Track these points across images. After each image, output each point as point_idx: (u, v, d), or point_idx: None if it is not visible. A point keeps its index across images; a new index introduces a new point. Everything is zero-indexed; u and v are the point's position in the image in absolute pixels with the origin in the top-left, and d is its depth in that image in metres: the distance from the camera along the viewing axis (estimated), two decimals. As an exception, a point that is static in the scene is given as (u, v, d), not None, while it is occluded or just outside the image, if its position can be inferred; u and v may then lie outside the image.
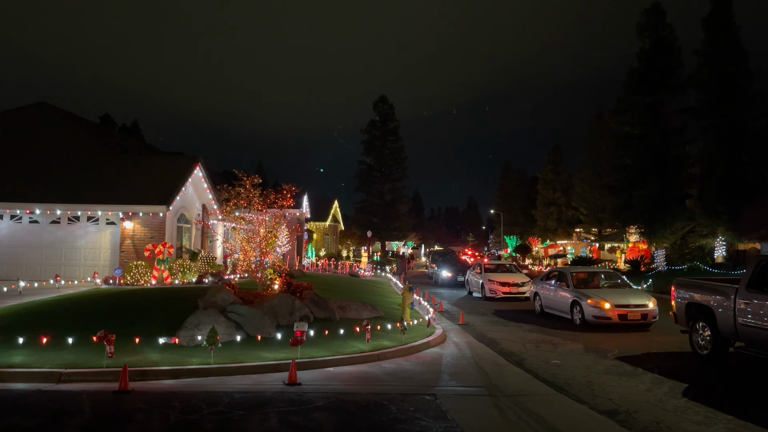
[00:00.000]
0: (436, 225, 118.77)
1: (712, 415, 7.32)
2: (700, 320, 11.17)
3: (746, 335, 9.87)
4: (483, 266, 25.04)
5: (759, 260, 10.31)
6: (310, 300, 13.61)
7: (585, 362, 10.71)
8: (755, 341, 9.68)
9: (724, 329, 10.45)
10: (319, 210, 47.41)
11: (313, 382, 8.53)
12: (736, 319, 10.04)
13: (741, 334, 10.00)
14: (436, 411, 7.23)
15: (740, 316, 9.95)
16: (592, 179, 46.92)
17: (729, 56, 33.93)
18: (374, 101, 57.73)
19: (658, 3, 37.02)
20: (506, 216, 79.21)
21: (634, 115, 36.68)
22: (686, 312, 11.70)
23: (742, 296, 10.00)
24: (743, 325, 9.88)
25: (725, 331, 10.44)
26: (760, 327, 9.45)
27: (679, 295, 12.06)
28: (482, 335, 13.78)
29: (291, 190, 15.16)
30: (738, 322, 10.00)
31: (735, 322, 10.07)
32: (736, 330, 10.08)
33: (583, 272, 18.03)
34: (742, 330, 9.92)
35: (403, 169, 57.91)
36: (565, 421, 7.00)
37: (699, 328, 11.22)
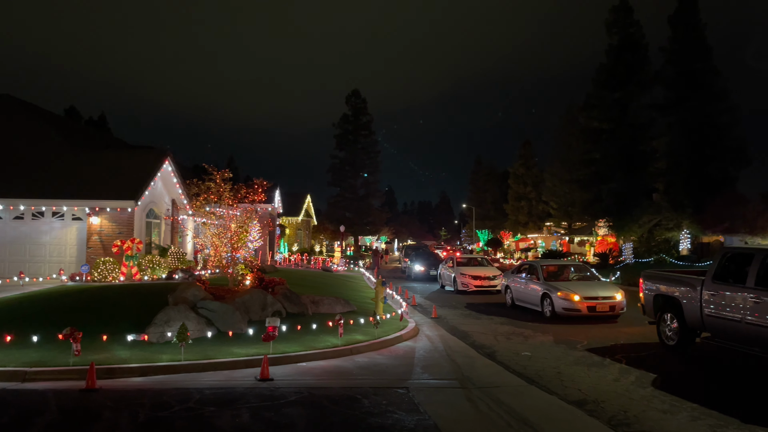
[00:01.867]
0: (410, 219, 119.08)
1: (677, 403, 7.51)
2: (668, 311, 11.30)
3: (712, 326, 10.02)
4: (455, 260, 25.20)
5: (724, 252, 10.49)
6: (283, 295, 13.54)
7: (555, 354, 10.88)
8: (721, 332, 9.82)
9: (691, 320, 10.59)
10: (292, 205, 47.11)
11: (285, 377, 8.49)
12: (703, 310, 10.18)
13: (707, 324, 10.14)
14: (408, 404, 7.27)
15: (706, 307, 10.10)
16: (562, 174, 47.58)
17: (694, 53, 34.75)
18: (347, 95, 57.59)
19: (626, 0, 37.64)
20: (478, 210, 79.87)
21: (602, 111, 37.31)
22: (654, 304, 11.84)
23: (708, 288, 10.14)
24: (709, 316, 10.02)
25: (692, 322, 10.58)
26: (726, 318, 9.60)
27: (647, 287, 12.18)
28: (454, 328, 13.88)
29: (262, 185, 15.03)
30: (704, 313, 10.14)
31: (701, 313, 10.21)
32: (703, 321, 10.22)
33: (553, 265, 18.28)
34: (708, 321, 10.07)
35: (376, 164, 57.99)
36: (536, 411, 7.11)
37: (666, 320, 11.36)
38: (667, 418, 6.89)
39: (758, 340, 8.94)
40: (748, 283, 9.28)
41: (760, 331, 8.82)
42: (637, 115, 37.15)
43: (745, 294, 9.23)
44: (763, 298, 8.86)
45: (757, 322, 8.89)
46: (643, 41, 37.29)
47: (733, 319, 9.44)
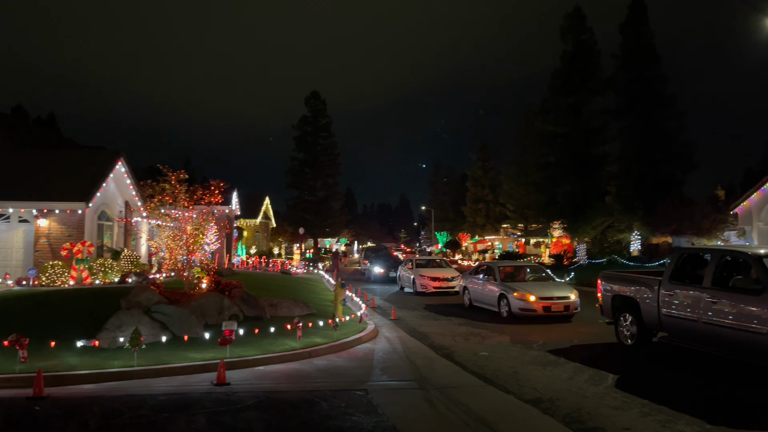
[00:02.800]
0: (369, 221, 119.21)
1: (628, 400, 7.72)
2: (626, 312, 11.38)
3: (669, 326, 10.15)
4: (414, 262, 25.35)
5: (681, 253, 10.64)
6: (240, 298, 13.35)
7: (511, 353, 11.05)
8: (678, 331, 9.96)
9: (649, 320, 10.70)
10: (250, 207, 46.50)
11: (242, 382, 8.38)
12: (660, 311, 10.30)
13: (664, 324, 10.27)
14: (367, 406, 7.27)
15: (664, 308, 10.21)
16: (518, 177, 48.40)
17: (644, 60, 35.92)
18: (306, 97, 57.28)
19: (579, 8, 38.62)
20: (437, 212, 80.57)
21: (557, 115, 38.16)
22: (612, 304, 11.90)
23: (665, 288, 10.26)
24: (667, 316, 10.15)
25: (650, 322, 10.69)
26: (683, 317, 9.73)
27: (605, 288, 12.22)
28: (413, 329, 13.95)
29: (219, 186, 14.80)
30: (662, 313, 10.26)
31: (659, 313, 10.34)
32: (660, 321, 10.34)
33: (510, 266, 18.58)
34: (666, 321, 10.20)
35: (336, 166, 57.76)
36: (493, 410, 7.20)
37: (624, 320, 11.44)
38: (618, 415, 7.09)
39: (714, 339, 9.10)
40: (705, 283, 9.43)
41: (716, 330, 8.98)
42: (590, 120, 38.15)
43: (702, 294, 9.37)
44: (719, 298, 9.02)
45: (714, 321, 9.04)
46: (595, 48, 38.32)
47: (690, 318, 9.57)
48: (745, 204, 28.18)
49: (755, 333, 8.33)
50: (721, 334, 8.93)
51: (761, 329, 8.24)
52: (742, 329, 8.56)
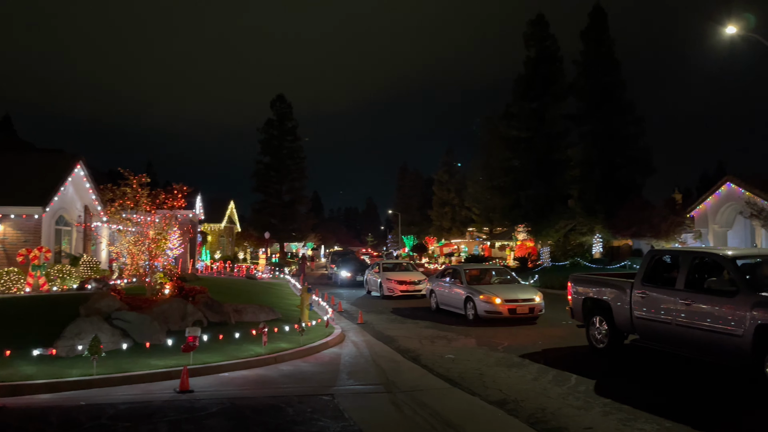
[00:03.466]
0: (336, 225, 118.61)
1: (591, 399, 7.87)
2: (597, 315, 11.24)
3: (642, 328, 10.07)
4: (381, 265, 25.39)
5: (652, 254, 10.58)
6: (204, 304, 13.15)
7: (477, 356, 11.15)
8: (651, 334, 9.88)
9: (621, 323, 10.59)
10: (214, 211, 45.84)
11: (206, 389, 8.24)
12: (632, 313, 10.21)
13: (637, 327, 10.19)
14: (333, 411, 7.23)
15: (636, 310, 10.13)
16: (483, 180, 48.89)
17: (604, 67, 36.74)
18: (272, 100, 56.78)
19: (542, 15, 39.34)
20: (404, 216, 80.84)
21: (521, 120, 38.74)
22: (583, 307, 11.73)
23: (637, 290, 10.18)
24: (639, 319, 10.07)
25: (621, 324, 10.58)
26: (655, 319, 9.68)
27: (575, 290, 12.06)
28: (380, 333, 13.96)
29: (182, 190, 14.58)
30: (634, 315, 10.18)
31: (631, 315, 10.25)
32: (632, 323, 10.26)
33: (476, 269, 18.76)
34: (638, 323, 10.11)
35: (302, 169, 57.37)
36: (459, 413, 7.25)
37: (596, 323, 11.28)
38: (581, 414, 7.22)
39: (688, 341, 9.09)
40: (678, 285, 9.40)
41: (691, 332, 8.96)
42: (553, 125, 38.82)
43: (675, 296, 9.33)
44: (693, 300, 8.99)
45: (688, 323, 9.00)
46: (558, 54, 39.06)
47: (663, 321, 9.53)
48: (701, 207, 29.10)
49: (730, 335, 8.31)
50: (696, 336, 8.90)
51: (736, 331, 8.22)
52: (716, 331, 8.54)
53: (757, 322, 7.90)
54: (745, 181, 25.90)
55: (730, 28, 18.02)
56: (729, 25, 18.02)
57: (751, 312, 8.03)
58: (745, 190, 25.31)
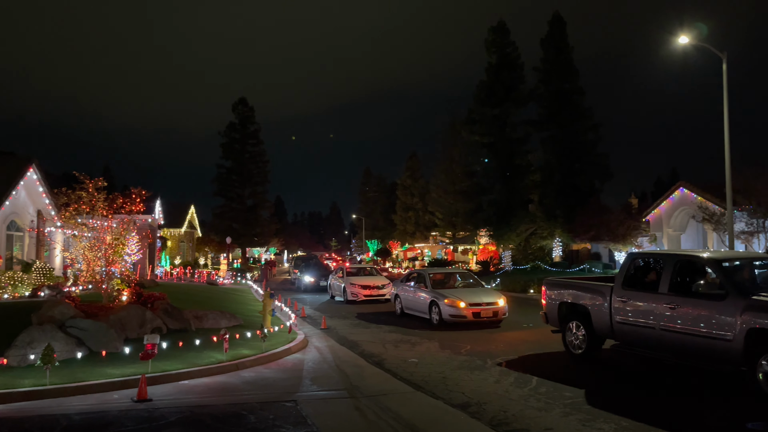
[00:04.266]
0: (300, 230, 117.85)
1: (551, 401, 7.99)
2: (574, 320, 10.94)
3: (622, 333, 9.83)
4: (345, 270, 25.29)
5: (633, 257, 10.36)
6: (163, 310, 12.86)
7: (440, 359, 11.20)
8: (632, 338, 9.68)
9: (600, 328, 10.32)
10: (175, 216, 44.97)
11: (165, 397, 8.05)
12: (613, 318, 9.96)
13: (617, 332, 9.94)
14: (296, 417, 7.16)
15: (617, 315, 9.88)
16: (446, 185, 49.32)
17: (563, 74, 37.57)
18: (233, 103, 56.10)
19: (503, 22, 40.00)
20: (368, 221, 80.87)
21: (483, 126, 39.28)
22: (559, 312, 11.40)
23: (618, 294, 9.93)
24: (620, 323, 9.82)
25: (600, 329, 10.31)
26: (638, 324, 9.48)
27: (550, 295, 11.70)
28: (344, 338, 13.90)
29: (141, 194, 14.26)
30: (614, 320, 9.93)
31: (611, 320, 10.00)
32: (612, 329, 10.01)
33: (440, 273, 18.83)
34: (619, 328, 9.87)
35: (265, 173, 56.79)
36: (422, 416, 7.27)
37: (573, 328, 10.99)
38: (542, 416, 7.32)
39: (673, 346, 8.93)
40: (661, 289, 9.21)
41: (677, 337, 8.79)
42: (514, 130, 39.51)
43: (659, 300, 9.14)
44: (679, 304, 8.82)
45: (673, 328, 8.83)
46: (519, 61, 39.78)
47: (646, 326, 9.32)
48: (656, 212, 29.98)
49: (719, 339, 8.16)
50: (682, 341, 8.73)
51: (726, 335, 8.08)
52: (704, 335, 8.37)
53: (749, 326, 7.80)
54: (697, 187, 26.81)
55: (682, 37, 18.64)
56: (682, 35, 18.63)
57: (742, 316, 7.92)
58: (698, 195, 26.20)
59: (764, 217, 21.53)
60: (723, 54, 18.41)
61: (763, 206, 21.18)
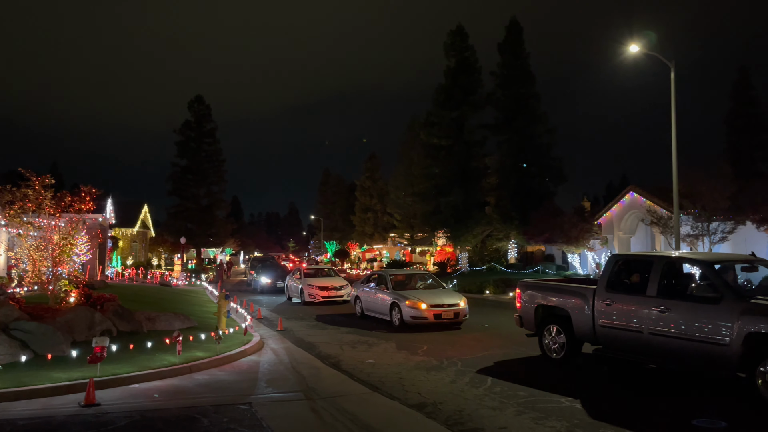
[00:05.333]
0: (257, 231, 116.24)
1: (506, 400, 8.11)
2: (552, 323, 10.59)
3: (606, 337, 9.55)
4: (302, 271, 25.11)
5: (616, 259, 10.01)
6: (114, 312, 12.50)
7: (397, 360, 11.25)
8: (617, 343, 9.40)
9: (581, 332, 10.00)
10: (127, 215, 43.76)
11: (115, 401, 7.82)
12: (595, 321, 9.66)
13: (600, 336, 9.64)
14: (251, 420, 7.07)
15: (600, 318, 9.58)
16: (405, 187, 49.50)
17: (520, 79, 38.22)
18: (189, 101, 55.01)
19: (462, 26, 40.42)
20: (326, 222, 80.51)
21: (441, 128, 39.59)
22: (535, 315, 11.02)
23: (601, 297, 9.61)
24: (603, 327, 9.53)
25: (582, 333, 10.00)
26: (624, 328, 9.20)
27: (526, 297, 11.33)
28: (300, 340, 13.79)
29: (91, 193, 13.83)
30: (597, 324, 9.63)
31: (594, 324, 9.70)
32: (595, 333, 9.71)
33: (401, 275, 18.68)
34: (602, 332, 9.57)
35: (221, 173, 55.89)
36: (378, 417, 7.28)
37: (551, 332, 10.63)
38: (496, 415, 7.43)
39: (662, 351, 8.70)
40: (649, 291, 8.95)
41: (666, 342, 8.56)
42: (471, 134, 39.94)
43: (648, 304, 8.87)
44: (670, 307, 8.57)
45: (663, 332, 8.59)
46: (477, 65, 40.25)
47: (633, 330, 9.05)
48: (607, 215, 30.83)
49: (714, 344, 7.94)
50: (673, 346, 8.49)
51: (722, 339, 7.85)
52: (698, 340, 8.14)
53: (747, 330, 7.61)
54: (646, 191, 27.69)
55: (633, 46, 19.24)
56: (632, 44, 19.23)
57: (739, 320, 7.70)
58: (647, 199, 27.06)
59: (708, 221, 22.40)
60: (671, 62, 19.07)
61: (708, 210, 22.03)
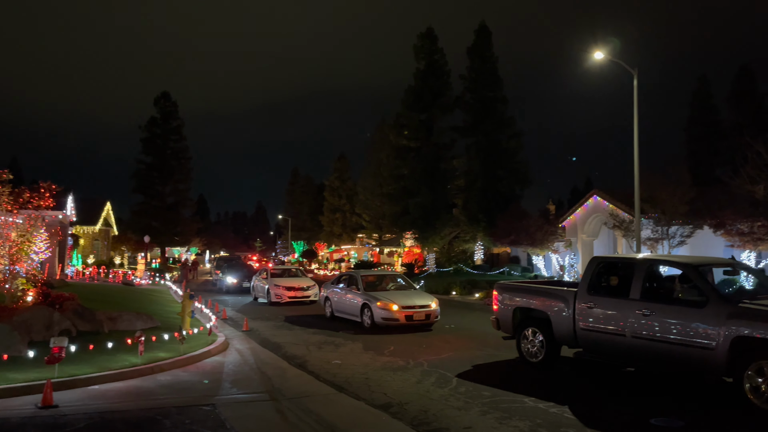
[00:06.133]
0: (223, 230, 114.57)
1: (471, 400, 8.19)
2: (531, 326, 10.40)
3: (587, 340, 9.44)
4: (269, 271, 24.88)
5: (597, 261, 9.89)
6: (73, 312, 12.20)
7: (364, 360, 11.25)
8: (598, 346, 9.30)
9: (561, 335, 9.85)
10: (89, 212, 42.72)
11: (73, 403, 7.64)
12: (576, 324, 9.53)
13: (581, 339, 9.52)
14: (214, 421, 6.98)
15: (581, 321, 9.46)
16: (373, 187, 49.54)
17: (488, 83, 38.69)
18: (156, 97, 54.00)
19: (431, 29, 40.72)
20: (294, 221, 80.00)
21: (410, 130, 39.83)
22: (513, 318, 10.86)
23: (582, 300, 9.50)
24: (585, 330, 9.41)
25: (562, 336, 9.86)
26: (606, 331, 9.08)
27: (503, 300, 11.13)
28: (266, 340, 13.68)
29: (51, 189, 13.45)
30: (578, 327, 9.50)
31: (575, 327, 9.57)
32: (576, 336, 9.58)
33: (373, 275, 18.38)
34: (583, 335, 9.45)
35: (187, 171, 54.98)
36: (344, 417, 7.27)
37: (529, 335, 10.43)
38: (461, 415, 7.50)
39: (646, 355, 8.63)
40: (633, 294, 8.86)
41: (650, 345, 8.48)
42: (440, 136, 40.29)
43: (631, 307, 8.78)
44: (654, 311, 8.49)
45: (647, 336, 8.51)
46: (446, 68, 40.60)
47: (616, 333, 8.93)
48: (571, 218, 31.40)
49: (700, 348, 7.89)
50: (657, 350, 8.41)
51: (708, 344, 7.79)
52: (683, 344, 8.08)
53: (734, 334, 7.55)
54: (609, 195, 28.29)
55: (598, 53, 19.64)
56: (597, 51, 19.63)
57: (726, 324, 7.64)
58: (609, 202, 27.65)
59: (668, 225, 23.01)
60: (634, 70, 19.53)
61: (668, 215, 22.63)
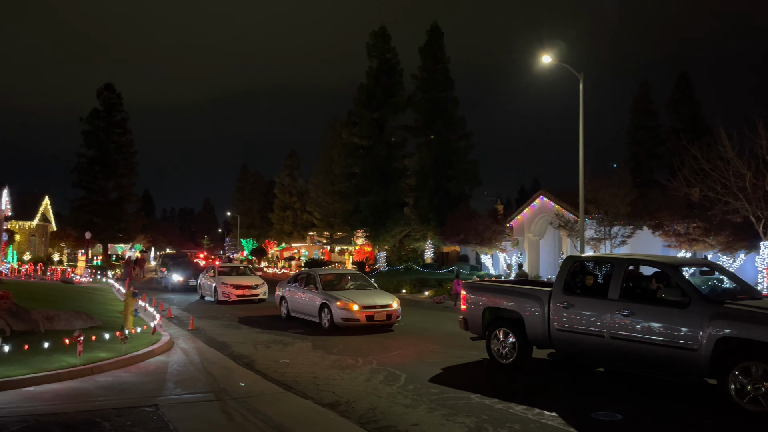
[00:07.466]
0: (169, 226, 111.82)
1: (418, 397, 8.25)
2: (501, 327, 10.15)
3: (562, 341, 9.29)
4: (216, 269, 24.42)
5: (572, 261, 9.72)
6: (7, 310, 11.65)
7: (312, 359, 11.18)
8: (574, 347, 9.17)
9: (535, 336, 9.66)
10: (25, 207, 40.92)
11: (6, 405, 7.29)
12: (551, 325, 9.35)
13: (555, 340, 9.35)
14: (157, 422, 6.80)
15: (556, 322, 9.28)
16: (325, 185, 49.33)
17: (440, 83, 39.13)
18: (98, 89, 52.12)
19: (384, 27, 40.84)
20: (243, 219, 78.76)
21: (362, 128, 39.86)
22: (483, 318, 10.58)
23: (557, 300, 9.32)
24: (560, 331, 9.23)
25: (536, 337, 9.66)
26: (582, 332, 8.94)
27: (472, 299, 10.84)
28: (213, 339, 13.41)
29: (-17, 182, 12.81)
30: (553, 327, 9.32)
31: (549, 328, 9.39)
32: (550, 337, 9.40)
33: (331, 274, 17.91)
34: (558, 336, 9.28)
35: (132, 165, 53.33)
36: (292, 417, 7.21)
37: (499, 336, 10.18)
38: (409, 412, 7.55)
39: (625, 356, 8.52)
40: (611, 295, 8.71)
41: (630, 347, 8.35)
42: (392, 135, 40.48)
43: (610, 307, 8.64)
44: (632, 311, 8.36)
45: (626, 337, 8.37)
46: (398, 67, 40.81)
47: (593, 334, 8.77)
48: (518, 218, 32.09)
49: (683, 348, 7.79)
50: (637, 351, 8.29)
51: (691, 345, 7.69)
52: (665, 345, 7.98)
53: (718, 335, 7.46)
54: (555, 196, 29.07)
55: (546, 57, 20.12)
56: (545, 54, 20.11)
57: (709, 324, 7.55)
58: (555, 203, 28.42)
59: (610, 225, 23.82)
60: (580, 74, 20.11)
61: (610, 215, 23.43)
